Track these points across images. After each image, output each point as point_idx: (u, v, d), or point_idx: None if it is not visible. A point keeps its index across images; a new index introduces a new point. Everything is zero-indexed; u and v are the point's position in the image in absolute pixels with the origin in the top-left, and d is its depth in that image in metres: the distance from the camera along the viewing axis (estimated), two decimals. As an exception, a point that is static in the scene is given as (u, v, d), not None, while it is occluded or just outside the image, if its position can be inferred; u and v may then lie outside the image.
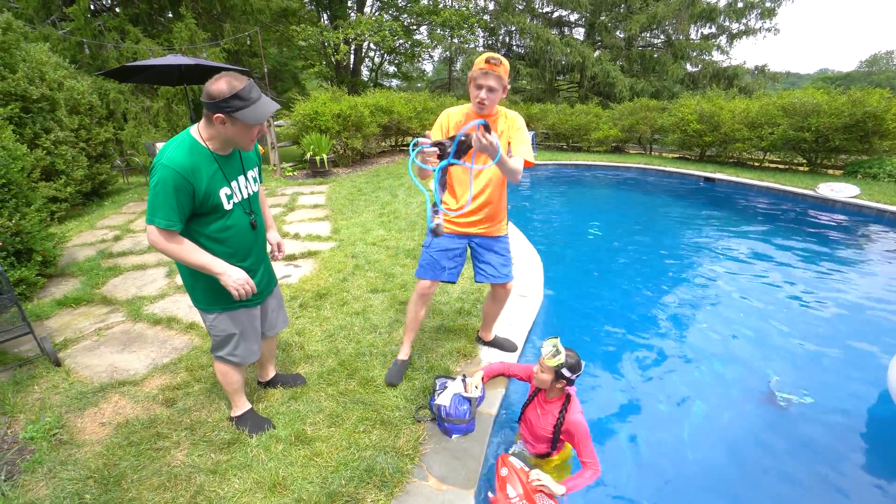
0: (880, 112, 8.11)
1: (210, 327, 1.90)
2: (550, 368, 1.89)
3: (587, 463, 1.86)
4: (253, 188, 1.90)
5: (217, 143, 1.67)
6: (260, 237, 1.96)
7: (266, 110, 1.60)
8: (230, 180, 1.74)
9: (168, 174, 1.53)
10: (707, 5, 16.69)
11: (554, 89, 19.53)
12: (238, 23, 13.22)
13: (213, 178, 1.66)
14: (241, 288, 1.70)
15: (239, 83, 1.53)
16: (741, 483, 2.15)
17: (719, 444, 2.38)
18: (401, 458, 1.94)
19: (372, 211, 6.10)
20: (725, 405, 2.69)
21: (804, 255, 5.08)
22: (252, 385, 2.43)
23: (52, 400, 2.35)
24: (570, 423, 1.92)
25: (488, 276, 2.41)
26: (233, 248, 1.79)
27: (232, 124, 1.58)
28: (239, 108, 1.53)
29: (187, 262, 1.65)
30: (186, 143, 1.62)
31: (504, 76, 1.98)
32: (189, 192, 1.58)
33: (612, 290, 4.31)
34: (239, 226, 1.80)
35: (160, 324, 3.21)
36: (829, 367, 3.03)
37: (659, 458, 2.30)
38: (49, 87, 5.78)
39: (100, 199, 7.17)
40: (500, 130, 2.15)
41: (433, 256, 2.34)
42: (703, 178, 9.39)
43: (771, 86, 18.14)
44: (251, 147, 1.76)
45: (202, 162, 1.62)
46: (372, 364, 2.61)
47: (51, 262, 3.93)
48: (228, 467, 1.90)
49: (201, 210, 1.66)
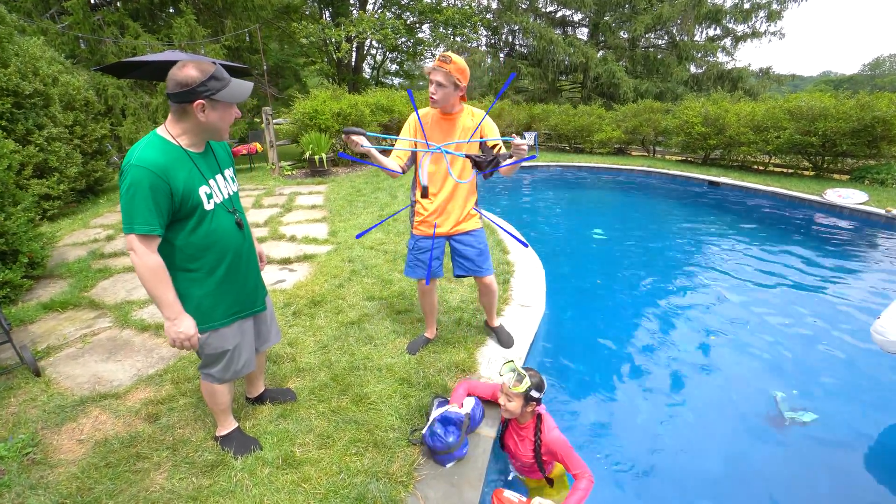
0: (889, 117, 7.97)
1: (202, 346, 1.76)
2: (519, 395, 1.86)
3: (578, 474, 1.81)
4: (232, 188, 1.79)
5: (190, 138, 1.56)
6: (248, 239, 1.84)
7: (244, 87, 1.54)
8: (208, 178, 1.62)
9: (141, 174, 1.41)
10: (713, 6, 16.54)
11: (556, 90, 19.38)
12: (239, 19, 13.09)
13: (190, 176, 1.54)
14: (179, 343, 1.58)
15: (209, 66, 1.45)
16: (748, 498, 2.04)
17: (724, 457, 2.28)
18: (394, 484, 1.82)
19: (371, 213, 5.97)
20: (731, 419, 2.59)
21: (811, 263, 4.96)
22: (240, 401, 2.31)
23: (29, 414, 2.23)
24: (549, 443, 1.88)
25: (467, 269, 2.54)
26: (221, 253, 1.68)
27: (213, 108, 1.50)
28: (219, 90, 1.48)
29: (153, 290, 1.51)
30: (155, 141, 1.50)
31: (454, 73, 2.12)
32: (166, 192, 1.46)
33: (616, 298, 4.19)
34: (224, 227, 1.68)
35: (148, 330, 3.09)
36: (837, 379, 2.92)
37: (665, 471, 2.19)
38: (43, 82, 5.66)
39: (95, 196, 7.05)
40: (462, 127, 2.31)
41: (416, 257, 2.55)
42: (707, 182, 9.27)
43: (776, 88, 18.00)
44: (227, 135, 1.65)
45: (176, 160, 1.51)
46: (366, 378, 2.49)
47: (38, 264, 3.82)
48: (210, 493, 1.78)
49: (181, 213, 1.54)
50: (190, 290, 1.64)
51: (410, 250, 2.59)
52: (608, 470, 2.23)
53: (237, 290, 1.78)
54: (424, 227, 2.47)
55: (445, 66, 2.11)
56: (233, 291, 1.76)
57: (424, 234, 2.49)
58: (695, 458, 2.33)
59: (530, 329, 3.08)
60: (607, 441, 2.43)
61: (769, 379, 2.94)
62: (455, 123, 2.32)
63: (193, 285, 1.65)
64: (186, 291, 1.63)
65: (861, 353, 3.21)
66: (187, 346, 1.60)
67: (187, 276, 1.63)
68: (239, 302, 1.80)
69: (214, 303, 1.70)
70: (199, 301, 1.66)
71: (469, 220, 2.48)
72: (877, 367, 3.06)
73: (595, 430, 2.51)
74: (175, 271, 1.59)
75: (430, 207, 2.41)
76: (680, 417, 2.62)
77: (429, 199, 2.40)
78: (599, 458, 2.29)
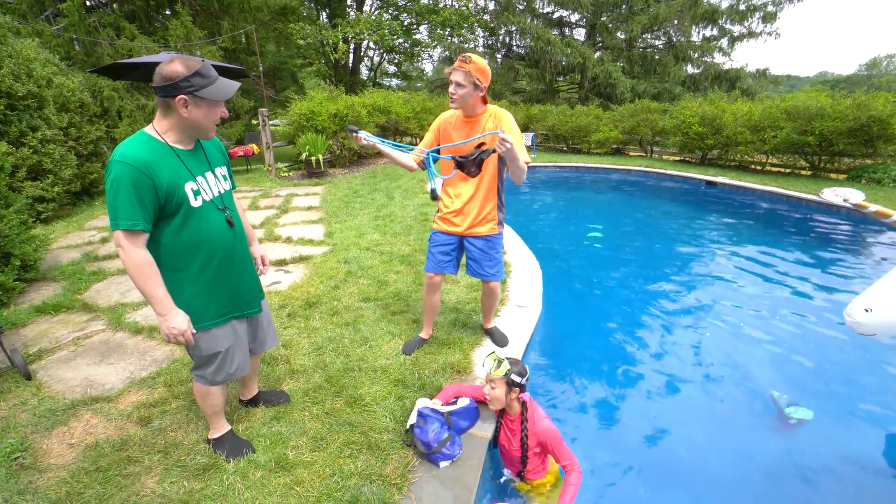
0: (885, 116, 7.99)
1: (193, 346, 1.73)
2: (500, 380, 1.91)
3: (567, 467, 1.83)
4: (224, 186, 1.77)
5: (176, 135, 1.56)
6: (240, 238, 1.81)
7: (230, 86, 1.54)
8: (195, 175, 1.61)
9: (123, 170, 1.42)
10: (709, 6, 16.58)
11: (554, 90, 19.40)
12: (236, 20, 13.08)
13: (175, 172, 1.53)
14: (173, 338, 1.57)
15: (195, 63, 1.46)
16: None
17: (721, 454, 2.29)
18: (388, 487, 1.80)
19: (367, 214, 5.96)
20: (728, 418, 2.59)
21: (806, 262, 4.95)
22: (233, 403, 2.29)
23: (19, 418, 2.20)
24: (540, 433, 1.89)
25: (473, 271, 2.61)
26: (211, 251, 1.66)
27: (195, 105, 1.50)
28: (203, 86, 1.48)
29: (142, 286, 1.50)
30: (141, 138, 1.51)
31: (473, 73, 2.13)
32: (150, 188, 1.45)
33: (613, 298, 4.18)
34: (213, 225, 1.66)
35: (141, 333, 3.07)
36: (835, 379, 2.91)
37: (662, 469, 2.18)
38: (36, 83, 5.63)
39: (90, 198, 7.02)
40: (484, 129, 2.27)
41: (432, 252, 2.61)
42: (704, 182, 9.27)
43: (773, 89, 18.04)
44: (213, 133, 1.65)
45: (160, 155, 1.51)
46: (361, 380, 2.47)
47: (31, 266, 3.79)
48: (202, 497, 1.76)
49: (167, 209, 1.53)
50: (180, 290, 1.62)
51: (430, 245, 2.65)
52: (605, 468, 2.21)
53: (229, 291, 1.76)
54: (442, 223, 2.56)
55: (465, 66, 2.13)
56: (224, 291, 1.74)
57: (440, 230, 2.57)
58: (692, 456, 2.32)
59: (527, 329, 3.07)
60: (604, 439, 2.42)
61: (767, 378, 2.94)
62: (476, 126, 2.30)
63: (183, 285, 1.63)
64: (176, 291, 1.61)
65: (853, 347, 3.20)
66: (181, 340, 1.59)
67: (177, 276, 1.61)
68: (231, 303, 1.78)
69: (205, 303, 1.68)
70: (189, 301, 1.64)
71: (484, 225, 2.48)
72: (872, 361, 3.05)
73: (592, 428, 2.50)
74: (164, 270, 1.57)
75: (451, 206, 2.47)
76: (676, 416, 2.61)
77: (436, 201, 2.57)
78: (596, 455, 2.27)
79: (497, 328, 2.97)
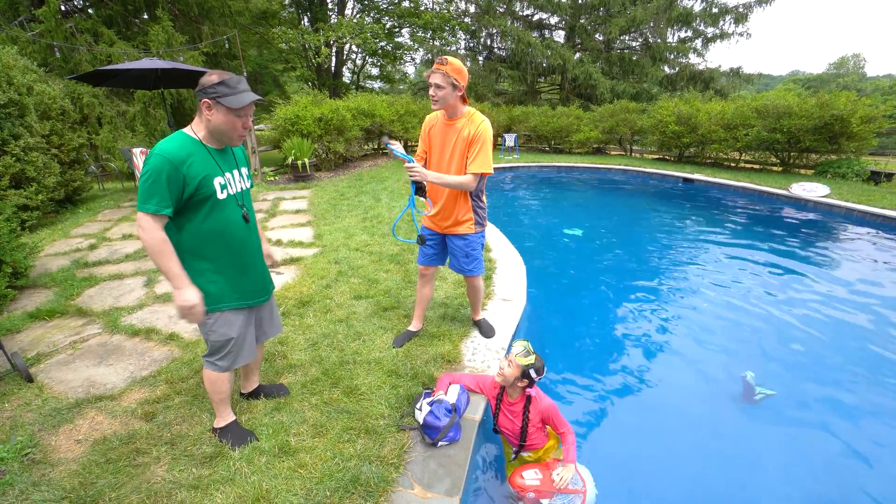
0: (846, 115, 8.42)
1: (208, 331, 1.90)
2: (520, 366, 2.06)
3: (564, 432, 2.08)
4: (245, 184, 1.97)
5: (206, 136, 1.76)
6: (253, 233, 2.00)
7: (244, 97, 1.71)
8: (224, 171, 1.81)
9: (159, 162, 1.61)
10: (684, 9, 17.09)
11: (535, 91, 19.73)
12: (217, 25, 13.02)
13: (207, 166, 1.73)
14: (186, 312, 1.71)
15: (227, 75, 1.67)
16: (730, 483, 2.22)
17: (697, 437, 2.46)
18: (386, 466, 1.94)
19: (355, 216, 6.07)
20: (702, 401, 2.78)
21: (777, 253, 5.24)
22: (234, 397, 2.40)
23: (24, 418, 2.27)
24: (543, 412, 2.09)
25: (454, 266, 2.83)
26: (229, 241, 1.84)
27: (217, 110, 1.69)
28: (224, 94, 1.66)
29: (160, 263, 1.66)
30: (178, 136, 1.72)
31: (451, 74, 2.25)
32: (179, 181, 1.64)
33: (594, 291, 4.38)
34: (233, 218, 1.85)
35: (139, 335, 3.13)
36: (800, 361, 3.15)
37: (644, 454, 2.36)
38: (17, 91, 5.60)
39: (74, 206, 6.96)
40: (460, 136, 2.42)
41: (421, 247, 2.81)
42: (681, 179, 9.61)
43: (746, 87, 18.66)
44: (239, 142, 1.84)
45: (195, 151, 1.71)
46: (356, 372, 2.60)
47: (22, 274, 3.81)
48: (210, 482, 1.87)
49: (196, 198, 1.71)
50: (199, 274, 1.79)
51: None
52: (586, 452, 2.38)
53: (244, 279, 1.94)
54: (428, 221, 2.77)
55: (442, 68, 2.25)
56: (240, 279, 1.92)
57: (427, 227, 2.79)
58: (673, 442, 2.50)
59: (512, 321, 3.23)
60: (585, 426, 2.59)
61: (739, 361, 3.16)
62: (454, 131, 2.44)
63: (203, 268, 1.80)
64: (196, 275, 1.77)
65: (820, 329, 3.45)
66: (192, 315, 1.73)
67: (197, 261, 1.79)
68: (246, 290, 1.96)
69: (221, 288, 1.86)
70: (207, 285, 1.81)
71: (461, 225, 2.66)
72: (836, 344, 3.30)
73: (573, 414, 2.67)
74: (186, 255, 1.75)
75: (431, 211, 2.70)
76: (654, 401, 2.80)
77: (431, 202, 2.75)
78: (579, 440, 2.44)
79: (485, 320, 3.14)
